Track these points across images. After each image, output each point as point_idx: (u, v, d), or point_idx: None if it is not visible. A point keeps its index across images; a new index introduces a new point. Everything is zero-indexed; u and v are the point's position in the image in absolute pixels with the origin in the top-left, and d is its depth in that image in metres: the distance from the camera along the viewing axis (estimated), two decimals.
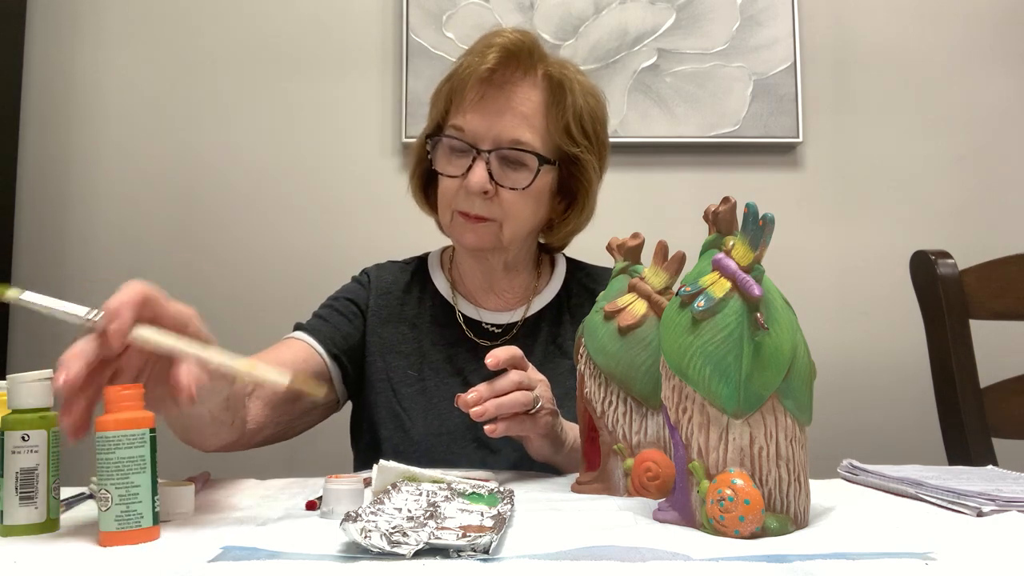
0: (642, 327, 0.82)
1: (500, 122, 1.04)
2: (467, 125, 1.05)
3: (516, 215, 1.07)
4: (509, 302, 1.18)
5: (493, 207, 1.06)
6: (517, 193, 1.06)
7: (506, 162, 1.05)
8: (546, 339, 1.15)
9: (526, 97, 1.05)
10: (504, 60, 1.04)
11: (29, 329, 1.73)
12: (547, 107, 1.06)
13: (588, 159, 1.11)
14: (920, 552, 0.56)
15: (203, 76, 1.78)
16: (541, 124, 1.06)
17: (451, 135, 1.06)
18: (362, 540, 0.55)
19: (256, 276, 1.74)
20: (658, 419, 0.82)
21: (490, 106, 1.04)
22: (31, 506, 0.66)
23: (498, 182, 1.05)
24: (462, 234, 1.09)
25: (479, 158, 1.04)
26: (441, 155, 1.08)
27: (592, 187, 1.14)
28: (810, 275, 1.76)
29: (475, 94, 1.04)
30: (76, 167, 1.76)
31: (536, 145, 1.06)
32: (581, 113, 1.09)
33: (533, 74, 1.06)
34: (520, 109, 1.05)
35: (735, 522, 0.61)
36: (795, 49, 1.76)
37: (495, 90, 1.04)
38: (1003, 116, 1.81)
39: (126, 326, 0.62)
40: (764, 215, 0.64)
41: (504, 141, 1.04)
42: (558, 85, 1.07)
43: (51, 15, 1.78)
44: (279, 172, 1.76)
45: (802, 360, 0.66)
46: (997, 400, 1.26)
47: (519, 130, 1.05)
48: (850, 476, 0.91)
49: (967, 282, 1.29)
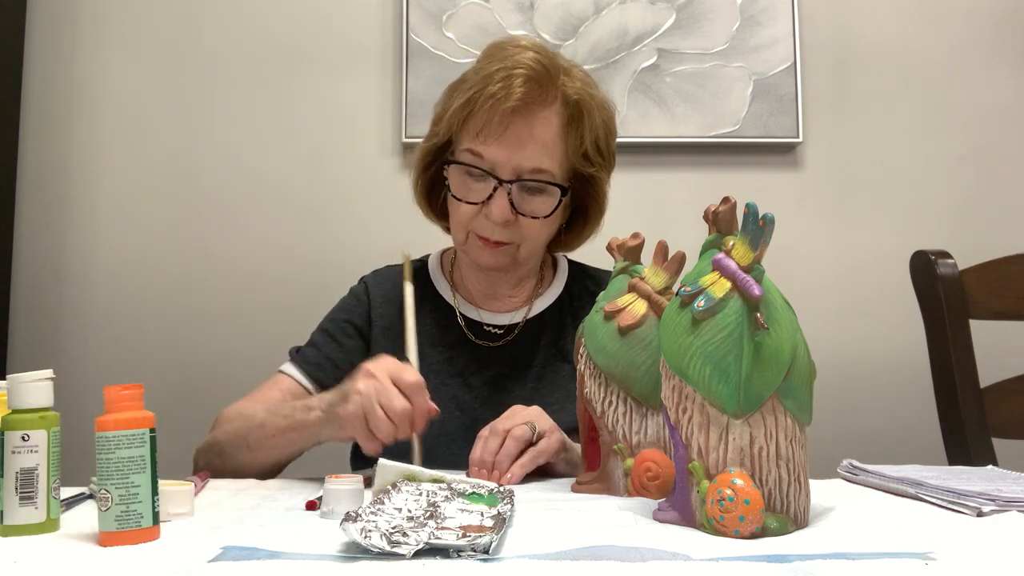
0: (642, 327, 0.82)
1: (522, 152, 1.03)
2: (487, 153, 1.03)
3: (534, 238, 1.08)
4: (511, 304, 1.18)
5: (511, 232, 1.06)
6: (537, 219, 1.06)
7: (526, 190, 1.05)
8: (548, 343, 1.15)
9: (547, 123, 1.04)
10: (529, 90, 1.02)
11: (29, 329, 1.73)
12: (566, 130, 1.06)
13: (602, 176, 1.11)
14: (920, 552, 0.56)
15: (203, 76, 1.78)
16: (560, 150, 1.06)
17: (471, 163, 1.05)
18: (362, 540, 0.55)
19: (256, 275, 1.74)
20: (658, 419, 0.82)
21: (512, 136, 1.02)
22: (31, 506, 0.66)
23: (519, 211, 1.05)
24: (479, 256, 1.09)
25: (501, 188, 1.03)
26: (457, 179, 1.07)
27: (605, 200, 1.14)
28: (810, 275, 1.76)
29: (499, 125, 1.02)
30: (76, 167, 1.76)
31: (556, 172, 1.05)
32: (597, 133, 1.08)
33: (554, 97, 1.05)
34: (541, 138, 1.04)
35: (735, 522, 0.61)
36: (795, 49, 1.76)
37: (519, 119, 1.02)
38: (1003, 116, 1.81)
39: None
40: (764, 215, 0.64)
41: (525, 171, 1.03)
42: (576, 107, 1.05)
43: (51, 15, 1.78)
44: (279, 172, 1.76)
45: (802, 360, 0.66)
46: (997, 400, 1.26)
47: (539, 159, 1.04)
48: (850, 476, 0.91)
49: (967, 282, 1.29)
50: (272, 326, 1.70)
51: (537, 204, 1.06)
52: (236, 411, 1.07)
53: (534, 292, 1.19)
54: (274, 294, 1.72)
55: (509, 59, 1.03)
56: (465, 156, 1.05)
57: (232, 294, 1.73)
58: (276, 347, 1.71)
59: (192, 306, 1.73)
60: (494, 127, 1.02)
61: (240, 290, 1.74)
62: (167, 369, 1.71)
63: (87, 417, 0.71)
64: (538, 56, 1.04)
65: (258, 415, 1.02)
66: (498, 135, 1.02)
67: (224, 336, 1.73)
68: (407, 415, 0.86)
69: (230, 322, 1.73)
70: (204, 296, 1.74)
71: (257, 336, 1.71)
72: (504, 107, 1.01)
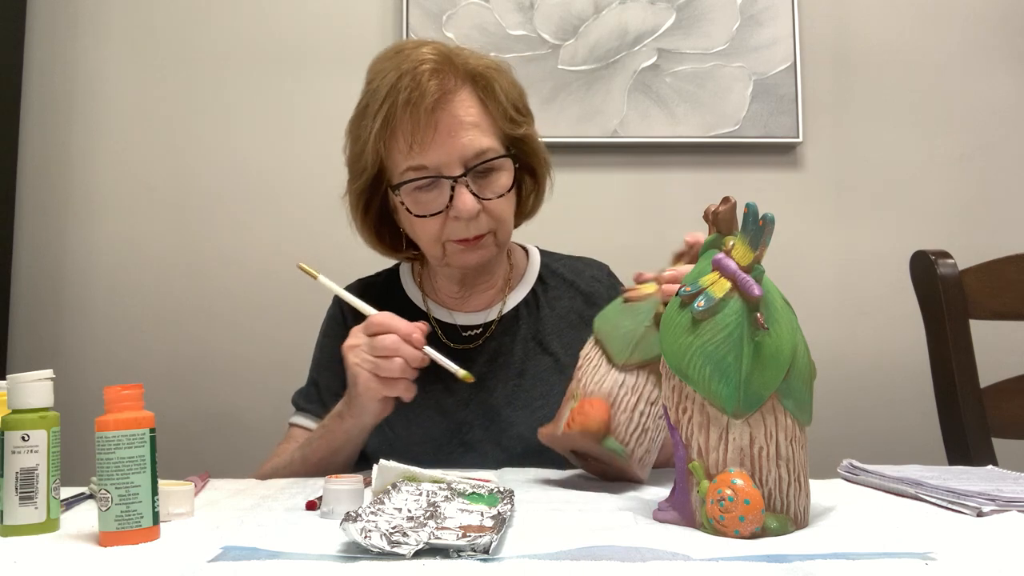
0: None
1: (459, 142, 1.01)
2: (428, 160, 1.01)
3: (505, 218, 1.07)
4: (485, 300, 1.17)
5: (484, 221, 1.05)
6: (502, 197, 1.05)
7: (480, 175, 1.03)
8: (526, 336, 1.14)
9: (466, 105, 1.02)
10: (439, 81, 1.00)
11: (29, 329, 1.73)
12: (484, 104, 1.04)
13: (531, 131, 1.10)
14: (920, 552, 0.56)
15: (203, 76, 1.78)
16: (489, 123, 1.04)
17: (414, 177, 1.02)
18: (362, 540, 0.55)
19: (256, 275, 1.74)
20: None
21: (444, 131, 1.00)
22: (31, 506, 0.66)
23: (482, 197, 1.03)
24: (462, 259, 1.07)
25: (458, 184, 1.01)
26: (411, 199, 1.04)
27: (544, 153, 1.13)
28: (810, 275, 1.76)
29: (428, 127, 1.00)
30: (76, 167, 1.76)
31: (496, 146, 1.04)
32: (509, 93, 1.07)
33: (460, 79, 1.03)
34: (469, 119, 1.02)
35: (735, 522, 0.61)
36: (795, 49, 1.76)
37: (442, 112, 1.00)
38: (1003, 116, 1.81)
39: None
40: (764, 215, 0.64)
41: (470, 158, 1.02)
42: (482, 78, 1.04)
43: (51, 15, 1.78)
44: (279, 172, 1.76)
45: (802, 360, 0.66)
46: (997, 400, 1.26)
47: (477, 140, 1.02)
48: (850, 476, 0.91)
49: (967, 282, 1.29)
50: (272, 326, 1.70)
51: (496, 183, 1.05)
52: (269, 469, 1.08)
53: (506, 284, 1.18)
54: (274, 294, 1.72)
55: (406, 62, 1.01)
56: (407, 175, 1.02)
57: (232, 294, 1.74)
58: (276, 347, 1.73)
59: (192, 306, 1.73)
60: (424, 130, 0.99)
61: (240, 290, 1.74)
62: (167, 369, 1.71)
63: (87, 417, 0.71)
64: (432, 47, 1.03)
65: (293, 455, 1.05)
66: (431, 136, 1.00)
67: (224, 336, 1.73)
68: (400, 344, 0.93)
69: (230, 322, 1.73)
70: (204, 296, 1.74)
71: (257, 336, 1.71)
72: (424, 106, 0.98)
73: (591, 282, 1.20)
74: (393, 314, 0.96)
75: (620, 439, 0.82)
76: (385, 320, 0.95)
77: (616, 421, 0.83)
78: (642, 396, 0.84)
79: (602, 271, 1.23)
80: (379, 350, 0.93)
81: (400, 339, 0.93)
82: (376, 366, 0.93)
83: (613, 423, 0.83)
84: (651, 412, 0.84)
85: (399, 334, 0.93)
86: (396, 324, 0.94)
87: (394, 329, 0.94)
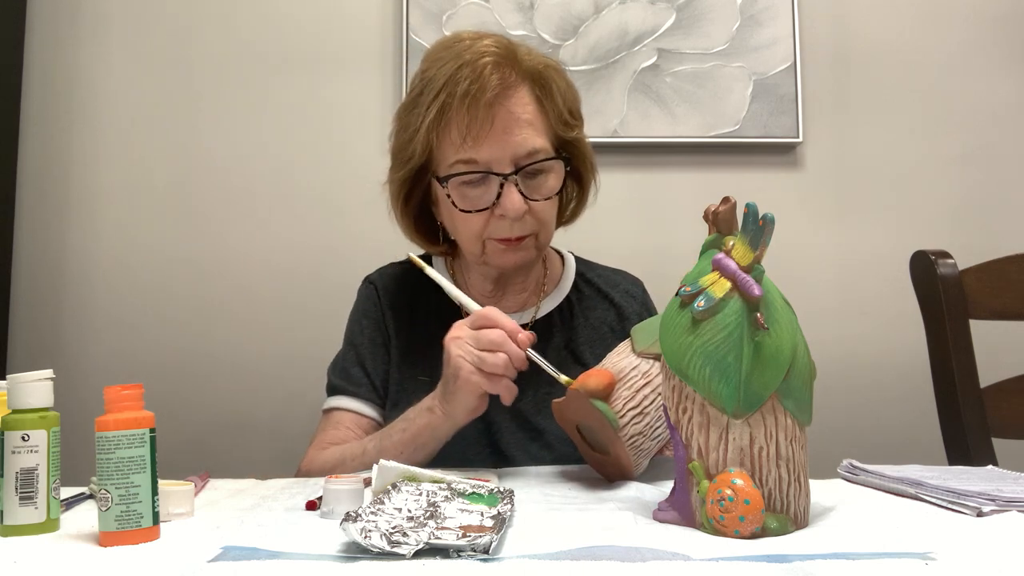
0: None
1: (513, 140, 0.99)
2: (481, 155, 0.99)
3: (549, 220, 1.06)
4: (519, 302, 1.16)
5: (529, 222, 1.03)
6: (548, 200, 1.04)
7: (529, 175, 1.02)
8: (559, 345, 1.13)
9: (523, 103, 1.01)
10: (501, 76, 0.98)
11: (29, 329, 1.73)
12: (541, 103, 1.03)
13: (582, 136, 1.09)
14: (920, 552, 0.56)
15: (203, 76, 1.77)
16: (544, 124, 1.03)
17: (467, 171, 1.01)
18: (362, 540, 0.55)
19: (256, 275, 1.74)
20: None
21: (500, 127, 0.99)
22: (31, 506, 0.66)
23: (530, 197, 1.02)
24: (502, 259, 1.06)
25: (507, 183, 1.00)
26: (457, 192, 1.03)
27: (593, 157, 1.12)
28: (810, 275, 1.76)
29: (486, 121, 0.98)
30: (76, 167, 1.76)
31: (548, 148, 1.03)
32: (566, 95, 1.06)
33: (520, 76, 1.02)
34: (525, 118, 1.01)
35: (735, 522, 0.61)
36: (795, 49, 1.76)
37: (500, 108, 0.99)
38: (1003, 116, 1.81)
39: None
40: (764, 215, 0.64)
41: (522, 157, 1.00)
42: (541, 76, 1.03)
43: (51, 15, 1.78)
44: (279, 172, 1.76)
45: (802, 360, 0.66)
46: (997, 400, 1.26)
47: (531, 140, 1.01)
48: (850, 476, 0.91)
49: (967, 282, 1.29)
50: (272, 326, 1.70)
51: (544, 185, 1.03)
52: (330, 460, 1.03)
53: (540, 288, 1.17)
54: (274, 294, 1.72)
55: (467, 52, 0.99)
56: (456, 168, 1.01)
57: (232, 294, 1.73)
58: (276, 346, 1.72)
59: (192, 306, 1.73)
60: (480, 124, 0.98)
61: (240, 290, 1.73)
62: (167, 369, 1.71)
63: (87, 417, 0.71)
64: (494, 40, 1.02)
65: (366, 446, 1.00)
66: (487, 131, 0.98)
67: (224, 336, 1.72)
68: (506, 341, 0.89)
69: (230, 322, 1.73)
70: (204, 296, 1.74)
71: (257, 336, 1.71)
72: (484, 100, 0.97)
73: (625, 296, 1.19)
74: (499, 310, 0.93)
75: (616, 410, 0.83)
76: (492, 315, 0.91)
77: (617, 394, 0.84)
78: (650, 383, 0.84)
79: (637, 287, 1.22)
80: (485, 344, 0.89)
81: (506, 335, 0.90)
82: (481, 360, 0.89)
83: (614, 395, 0.84)
84: (655, 400, 0.84)
85: (506, 330, 0.90)
86: (503, 320, 0.91)
87: (501, 325, 0.91)
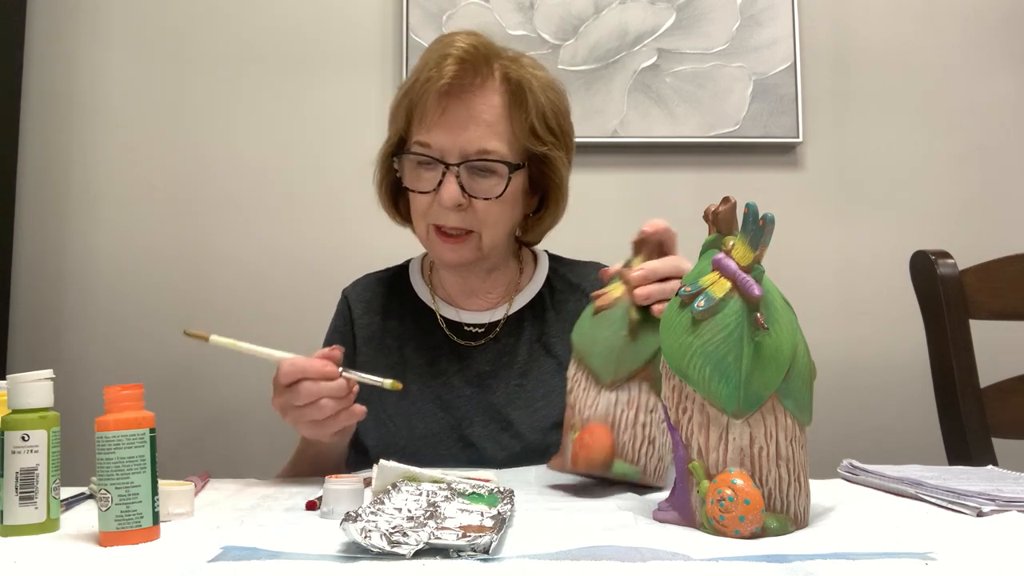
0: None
1: (465, 134, 1.03)
2: (432, 140, 1.03)
3: (492, 223, 1.07)
4: (491, 301, 1.18)
5: (468, 218, 1.05)
6: (491, 201, 1.05)
7: (476, 172, 1.04)
8: (530, 337, 1.15)
9: (488, 104, 1.04)
10: (461, 70, 1.02)
11: (29, 329, 1.73)
12: (509, 110, 1.05)
13: (557, 155, 1.10)
14: (920, 552, 0.56)
15: (203, 76, 1.77)
16: (506, 129, 1.05)
17: (417, 151, 1.05)
18: (362, 540, 0.55)
19: (256, 276, 1.74)
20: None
21: (452, 119, 1.03)
22: (31, 506, 0.66)
23: (470, 193, 1.04)
24: (441, 252, 1.09)
25: (448, 172, 1.03)
26: (409, 170, 1.07)
27: (564, 182, 1.13)
28: (810, 275, 1.76)
29: (436, 109, 1.03)
30: (76, 167, 1.76)
31: (503, 152, 1.04)
32: (544, 111, 1.07)
33: (492, 78, 1.05)
34: (483, 117, 1.03)
35: (735, 522, 0.61)
36: (795, 49, 1.76)
37: (456, 101, 1.03)
38: (1003, 116, 1.81)
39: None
40: (764, 215, 0.64)
41: (471, 153, 1.03)
42: (517, 86, 1.05)
43: (51, 15, 1.78)
44: (279, 172, 1.76)
45: (802, 360, 0.66)
46: (997, 400, 1.26)
47: (484, 139, 1.03)
48: (850, 476, 0.91)
49: (967, 282, 1.29)
50: (272, 326, 1.70)
51: (487, 185, 1.05)
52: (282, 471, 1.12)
53: (513, 287, 1.19)
54: (274, 294, 1.72)
55: (439, 44, 1.06)
56: (414, 147, 1.06)
57: (232, 294, 1.73)
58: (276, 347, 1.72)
59: (192, 306, 1.73)
60: (431, 110, 1.03)
61: (240, 290, 1.73)
62: (167, 369, 1.71)
63: (87, 417, 0.71)
64: (471, 40, 1.05)
65: (290, 466, 1.10)
66: (437, 118, 1.03)
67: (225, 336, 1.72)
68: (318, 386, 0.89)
69: (230, 322, 1.73)
70: (204, 296, 1.74)
71: (257, 336, 1.70)
72: (437, 88, 1.01)
73: (595, 285, 1.20)
74: (296, 357, 0.91)
75: (629, 459, 0.80)
76: (292, 369, 0.90)
77: (620, 442, 0.80)
78: (640, 407, 0.81)
79: None
80: (302, 399, 0.89)
81: (315, 380, 0.89)
82: (308, 414, 0.90)
83: (618, 445, 0.80)
84: (652, 420, 0.81)
85: (311, 376, 0.89)
86: (304, 367, 0.89)
87: (304, 374, 0.89)
